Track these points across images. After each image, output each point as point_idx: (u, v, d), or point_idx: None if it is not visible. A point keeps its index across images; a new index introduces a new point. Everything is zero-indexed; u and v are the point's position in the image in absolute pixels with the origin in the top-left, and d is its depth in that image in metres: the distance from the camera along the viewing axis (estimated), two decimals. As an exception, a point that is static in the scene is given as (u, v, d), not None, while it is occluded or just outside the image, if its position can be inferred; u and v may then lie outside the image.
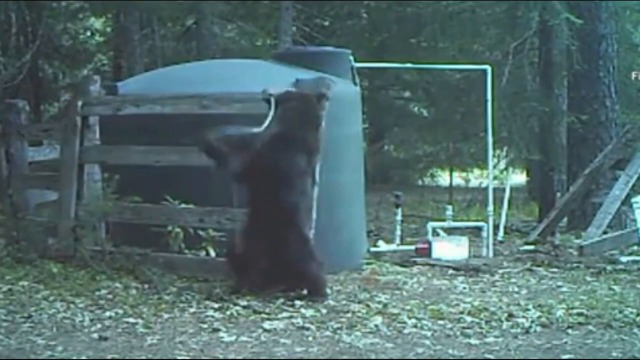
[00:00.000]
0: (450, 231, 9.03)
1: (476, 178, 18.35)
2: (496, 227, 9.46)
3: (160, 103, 6.75)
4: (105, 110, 7.21)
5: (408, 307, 5.68)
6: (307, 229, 5.90)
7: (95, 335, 5.02)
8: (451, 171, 16.59)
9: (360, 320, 5.34)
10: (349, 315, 5.47)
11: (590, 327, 5.27)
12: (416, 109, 18.96)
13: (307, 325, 5.23)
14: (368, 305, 5.72)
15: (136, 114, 6.80)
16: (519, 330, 5.17)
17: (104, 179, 6.88)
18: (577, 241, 8.58)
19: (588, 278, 7.01)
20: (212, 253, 6.36)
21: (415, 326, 5.26)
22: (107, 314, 5.45)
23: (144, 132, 6.83)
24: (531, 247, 8.73)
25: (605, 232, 8.33)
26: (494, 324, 5.30)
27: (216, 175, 6.64)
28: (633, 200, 8.49)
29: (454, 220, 9.48)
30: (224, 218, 6.35)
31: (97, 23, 18.22)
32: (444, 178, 18.73)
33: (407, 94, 18.87)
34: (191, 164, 6.54)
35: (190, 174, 6.65)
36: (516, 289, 6.72)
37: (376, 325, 5.23)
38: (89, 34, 18.35)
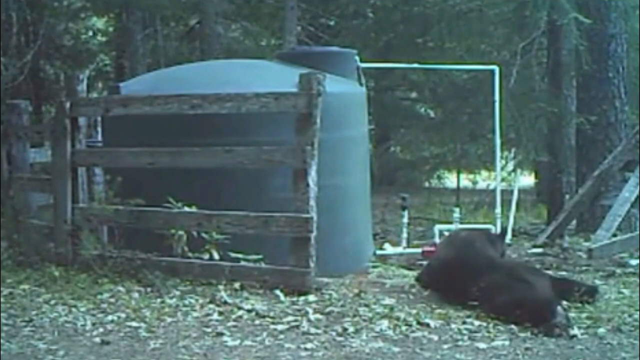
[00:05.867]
0: (457, 234, 8.95)
1: (484, 180, 18.31)
2: (504, 230, 9.36)
3: (149, 103, 6.56)
4: (93, 111, 7.12)
5: (414, 311, 5.60)
6: None
7: (98, 340, 4.97)
8: (458, 173, 16.49)
9: (366, 324, 5.27)
10: (354, 319, 5.39)
11: (599, 331, 5.19)
12: (423, 109, 18.91)
13: (312, 329, 5.17)
14: (374, 309, 5.63)
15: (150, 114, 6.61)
16: (527, 334, 5.09)
17: (106, 181, 6.80)
18: (586, 244, 8.51)
19: (597, 281, 6.91)
20: (216, 256, 6.28)
21: (421, 330, 5.19)
22: (109, 317, 5.40)
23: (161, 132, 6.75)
24: (539, 250, 8.64)
25: (614, 235, 8.27)
26: (501, 327, 5.23)
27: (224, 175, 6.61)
28: (643, 202, 8.44)
29: (461, 223, 9.40)
30: (224, 222, 6.22)
31: (99, 23, 18.23)
32: (451, 180, 18.66)
33: (413, 94, 18.84)
34: (185, 166, 6.46)
35: (196, 174, 6.59)
36: (525, 292, 6.63)
37: (382, 329, 5.16)
38: (90, 33, 18.35)
